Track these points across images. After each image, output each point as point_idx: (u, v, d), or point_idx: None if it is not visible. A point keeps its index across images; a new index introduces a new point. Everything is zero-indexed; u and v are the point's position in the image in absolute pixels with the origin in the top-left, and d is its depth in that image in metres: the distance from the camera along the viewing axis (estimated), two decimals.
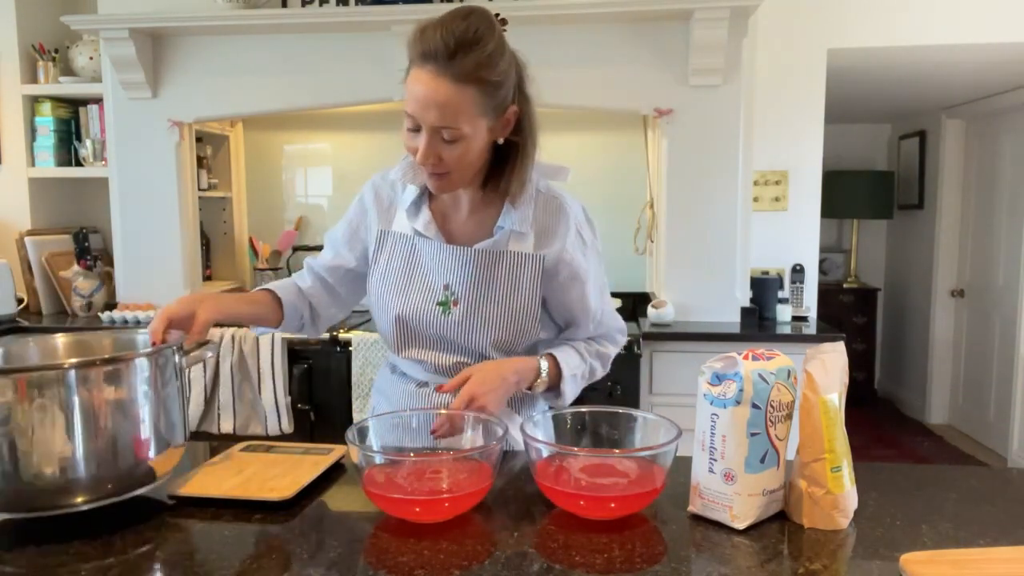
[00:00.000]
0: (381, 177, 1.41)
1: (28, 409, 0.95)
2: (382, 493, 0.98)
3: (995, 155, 4.46)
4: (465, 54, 1.11)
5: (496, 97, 1.16)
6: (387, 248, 1.36)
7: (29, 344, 1.20)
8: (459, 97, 1.12)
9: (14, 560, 0.91)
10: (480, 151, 1.20)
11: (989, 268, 4.51)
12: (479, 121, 1.16)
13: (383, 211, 1.38)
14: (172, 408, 1.09)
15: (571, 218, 1.33)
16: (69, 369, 0.97)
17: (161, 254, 3.11)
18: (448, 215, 1.34)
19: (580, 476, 1.03)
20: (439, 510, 0.99)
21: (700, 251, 2.93)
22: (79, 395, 0.97)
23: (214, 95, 3.03)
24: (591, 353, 1.39)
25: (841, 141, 5.35)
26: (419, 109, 1.14)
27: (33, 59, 3.24)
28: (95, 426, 0.98)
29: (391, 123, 3.37)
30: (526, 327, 1.33)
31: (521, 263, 1.31)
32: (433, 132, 1.15)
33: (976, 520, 1.00)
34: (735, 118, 2.87)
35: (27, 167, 3.24)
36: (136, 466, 1.03)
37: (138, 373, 1.03)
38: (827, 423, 0.97)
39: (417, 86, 1.13)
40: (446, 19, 1.13)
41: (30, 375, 0.97)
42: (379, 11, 2.79)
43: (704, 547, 0.93)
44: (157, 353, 1.07)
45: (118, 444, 1.01)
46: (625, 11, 2.73)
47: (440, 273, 1.32)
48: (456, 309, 1.31)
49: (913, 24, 3.11)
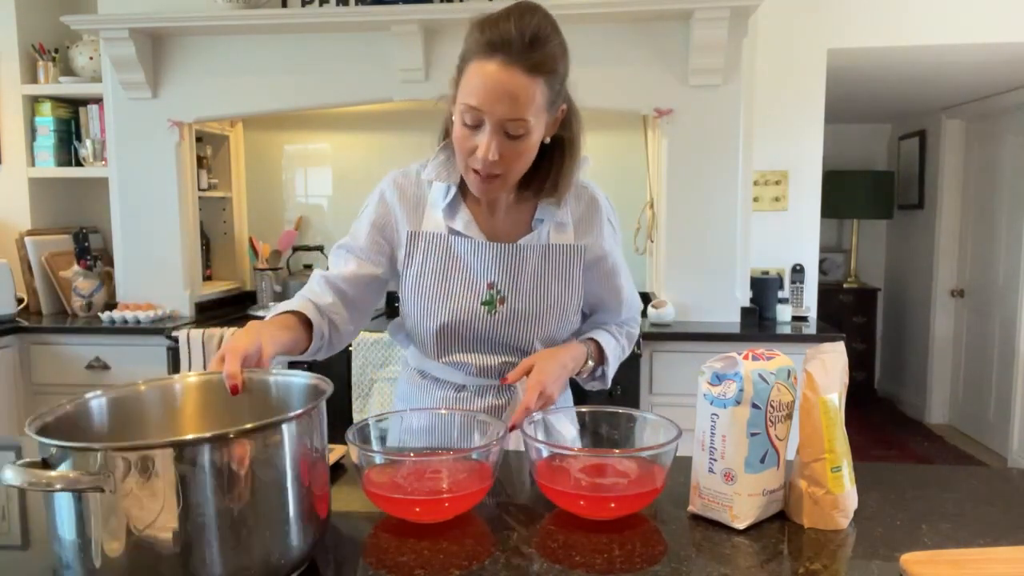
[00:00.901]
0: (402, 175, 1.34)
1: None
2: (382, 493, 0.98)
3: (995, 155, 4.46)
4: (541, 45, 1.10)
5: (555, 92, 1.16)
6: (420, 250, 1.30)
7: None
8: (531, 88, 1.10)
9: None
10: (535, 149, 1.19)
11: (989, 268, 4.51)
12: (542, 115, 1.15)
13: (411, 211, 1.31)
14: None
15: (602, 207, 1.35)
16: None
17: (161, 254, 3.11)
18: (486, 213, 1.31)
19: (580, 476, 1.03)
20: (439, 510, 0.99)
21: (700, 251, 2.93)
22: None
23: (214, 95, 3.03)
24: (622, 334, 1.43)
25: (841, 141, 5.35)
26: (487, 100, 1.10)
27: (33, 59, 3.24)
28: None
29: (391, 123, 3.37)
30: (571, 318, 1.34)
31: (565, 254, 1.31)
32: (499, 127, 1.12)
33: (976, 520, 1.00)
34: (735, 118, 2.87)
35: (27, 167, 3.24)
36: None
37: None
38: (827, 423, 0.97)
39: (484, 78, 1.09)
40: (514, 11, 1.11)
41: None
42: (379, 11, 2.79)
43: (704, 547, 0.93)
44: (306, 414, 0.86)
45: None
46: (625, 11, 2.73)
47: (483, 272, 1.29)
48: (502, 307, 1.29)
49: (913, 24, 3.11)
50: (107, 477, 0.73)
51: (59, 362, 2.92)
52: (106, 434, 0.94)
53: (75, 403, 0.92)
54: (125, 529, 0.74)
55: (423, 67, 2.89)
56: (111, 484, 0.73)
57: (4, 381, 2.85)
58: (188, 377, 1.03)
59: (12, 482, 0.72)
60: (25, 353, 2.93)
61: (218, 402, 1.02)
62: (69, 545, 0.77)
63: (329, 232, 3.50)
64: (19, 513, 1.08)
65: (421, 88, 2.92)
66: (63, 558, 0.78)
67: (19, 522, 1.06)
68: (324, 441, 0.91)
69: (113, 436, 0.94)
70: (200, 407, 1.02)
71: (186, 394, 1.02)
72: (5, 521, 1.05)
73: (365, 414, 2.68)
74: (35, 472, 0.73)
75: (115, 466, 0.73)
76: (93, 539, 0.75)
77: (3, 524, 1.04)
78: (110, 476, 0.73)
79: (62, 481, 0.73)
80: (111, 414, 0.95)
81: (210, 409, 1.02)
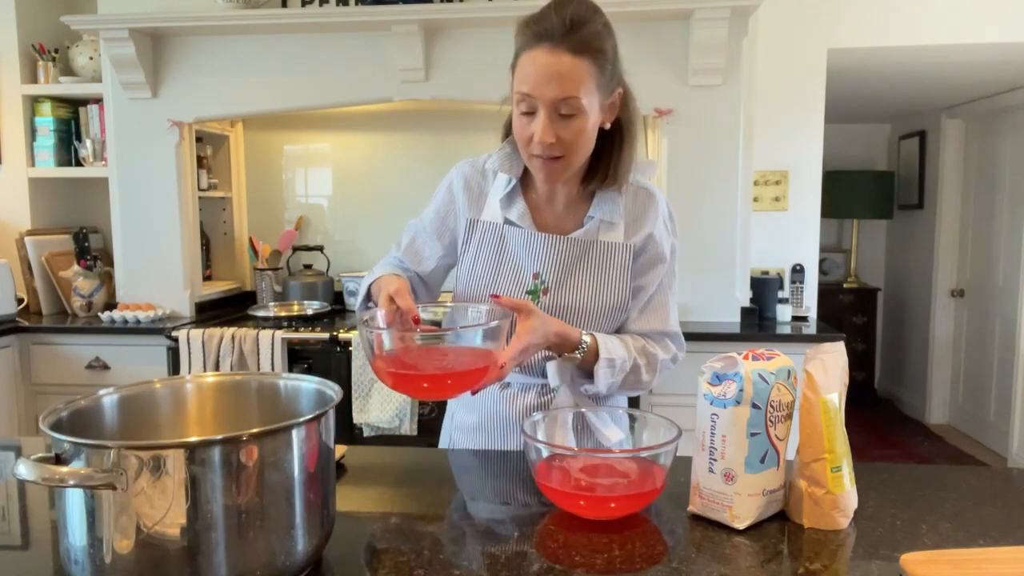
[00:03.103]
0: (470, 164, 1.39)
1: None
2: (396, 371, 1.08)
3: (995, 155, 4.46)
4: (581, 27, 1.15)
5: (606, 73, 1.20)
6: (476, 237, 1.35)
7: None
8: (577, 68, 1.15)
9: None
10: (593, 131, 1.22)
11: (989, 268, 4.51)
12: (594, 95, 1.18)
13: (473, 199, 1.37)
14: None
15: (660, 207, 1.35)
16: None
17: (161, 254, 3.11)
18: (542, 207, 1.35)
19: (580, 476, 1.03)
20: (444, 387, 1.10)
21: (700, 251, 2.92)
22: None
23: (214, 95, 3.03)
24: (638, 349, 1.31)
25: (841, 141, 5.35)
26: (538, 84, 1.15)
27: (33, 59, 3.24)
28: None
29: (391, 123, 3.36)
30: (615, 316, 1.33)
31: (612, 252, 1.31)
32: (552, 108, 1.16)
33: (976, 520, 1.00)
34: (735, 118, 2.87)
35: (27, 167, 3.24)
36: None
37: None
38: (827, 423, 0.97)
39: (534, 65, 1.16)
40: (555, 4, 1.17)
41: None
42: (379, 11, 2.79)
43: (704, 547, 0.93)
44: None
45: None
46: (625, 11, 2.73)
47: (530, 261, 1.32)
48: (546, 298, 1.31)
49: (913, 24, 3.11)
50: (119, 475, 0.73)
51: (59, 362, 2.92)
52: (117, 432, 0.95)
53: (88, 399, 0.92)
54: (135, 527, 0.75)
55: (423, 67, 2.89)
56: (123, 482, 0.74)
57: (4, 381, 2.85)
58: (201, 378, 1.04)
59: (26, 477, 0.73)
60: (25, 353, 2.93)
61: (229, 404, 1.03)
62: (79, 541, 0.78)
63: (329, 232, 3.50)
64: (19, 513, 1.08)
65: (421, 88, 2.92)
66: (72, 554, 0.79)
67: (19, 522, 1.06)
68: (332, 446, 0.91)
69: (124, 434, 0.95)
70: (211, 408, 1.03)
71: (198, 394, 1.03)
72: (5, 521, 1.05)
73: (365, 414, 2.68)
74: (48, 468, 0.74)
75: (128, 464, 0.74)
76: (103, 536, 0.76)
77: (3, 524, 1.04)
78: (122, 474, 0.74)
79: (75, 477, 0.74)
80: (123, 412, 0.96)
81: (221, 410, 1.03)
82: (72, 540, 0.78)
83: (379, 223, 3.39)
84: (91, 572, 0.77)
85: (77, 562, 0.78)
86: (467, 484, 1.21)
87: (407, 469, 1.26)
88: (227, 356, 2.71)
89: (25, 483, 1.13)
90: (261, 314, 3.08)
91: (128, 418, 0.96)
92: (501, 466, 1.26)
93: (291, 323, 2.94)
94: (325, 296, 3.29)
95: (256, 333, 2.74)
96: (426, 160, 3.34)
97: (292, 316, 3.08)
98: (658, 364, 1.34)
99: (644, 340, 1.34)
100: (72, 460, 0.76)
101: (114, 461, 0.74)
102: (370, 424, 2.70)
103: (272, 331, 2.75)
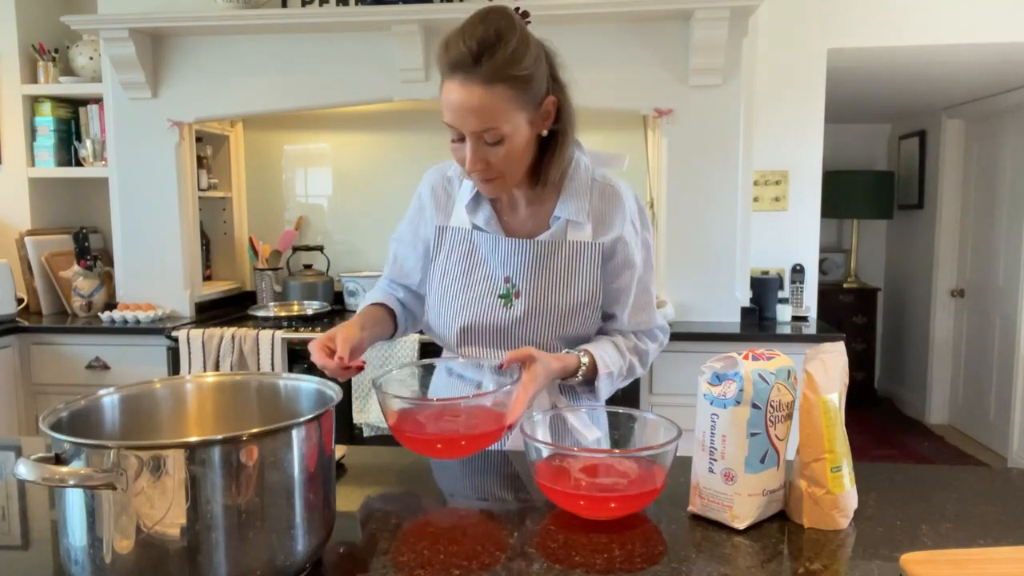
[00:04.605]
0: (437, 171, 1.41)
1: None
2: (412, 434, 1.11)
3: (995, 155, 4.46)
4: (490, 55, 1.12)
5: (529, 91, 1.17)
6: (446, 244, 1.36)
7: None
8: (492, 98, 1.14)
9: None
10: (525, 147, 1.22)
11: (989, 268, 4.51)
12: (517, 117, 1.17)
13: (440, 206, 1.38)
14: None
15: (627, 205, 1.34)
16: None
17: (161, 254, 3.11)
18: (506, 211, 1.35)
19: (580, 476, 1.03)
20: (457, 449, 1.12)
21: (700, 251, 2.92)
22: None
23: (214, 95, 3.03)
24: (630, 349, 1.37)
25: (841, 141, 5.35)
26: (457, 118, 1.16)
27: (33, 59, 3.24)
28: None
29: (391, 123, 3.36)
30: (588, 316, 1.33)
31: (580, 252, 1.31)
32: (476, 138, 1.17)
33: (976, 520, 1.00)
34: (735, 118, 2.87)
35: (27, 167, 3.24)
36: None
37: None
38: (827, 423, 0.97)
39: (450, 96, 1.16)
40: (466, 26, 1.14)
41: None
42: (379, 11, 2.79)
43: (704, 547, 0.93)
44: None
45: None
46: (625, 11, 2.73)
47: (500, 266, 1.32)
48: (518, 302, 1.32)
49: (913, 24, 3.11)
50: (119, 475, 0.74)
51: (59, 362, 2.92)
52: (117, 432, 0.95)
53: (88, 399, 0.92)
54: (135, 527, 0.75)
55: (423, 67, 2.89)
56: (123, 482, 0.74)
57: (4, 381, 2.85)
58: (201, 378, 1.04)
59: (26, 477, 0.73)
60: (25, 353, 2.93)
61: (229, 404, 1.03)
62: (79, 541, 0.78)
63: (329, 232, 3.50)
64: (19, 513, 1.08)
65: (421, 88, 2.92)
66: (72, 554, 0.79)
67: (19, 522, 1.06)
68: (332, 446, 0.91)
69: (124, 434, 0.95)
70: (211, 408, 1.03)
71: (198, 394, 1.04)
72: (5, 521, 1.05)
73: (365, 414, 2.68)
74: (48, 468, 0.74)
75: (128, 464, 0.74)
76: (103, 536, 0.76)
77: (3, 524, 1.04)
78: (123, 474, 0.74)
79: (75, 477, 0.74)
80: (123, 412, 0.96)
81: (221, 411, 1.03)
82: (72, 540, 0.78)
83: (379, 223, 3.38)
84: (91, 572, 0.77)
85: (77, 562, 0.78)
86: (467, 484, 1.21)
87: (407, 469, 1.26)
88: (227, 356, 2.71)
89: (25, 483, 1.13)
90: (261, 314, 3.08)
91: (128, 418, 0.96)
92: (501, 466, 1.26)
93: (291, 323, 2.94)
94: (325, 296, 3.29)
95: (256, 333, 2.74)
96: (426, 160, 3.28)
97: (292, 316, 3.08)
98: (648, 357, 1.42)
99: (635, 338, 1.39)
100: (72, 460, 0.76)
101: (114, 461, 0.74)
102: (370, 424, 2.70)
103: (272, 331, 2.75)
